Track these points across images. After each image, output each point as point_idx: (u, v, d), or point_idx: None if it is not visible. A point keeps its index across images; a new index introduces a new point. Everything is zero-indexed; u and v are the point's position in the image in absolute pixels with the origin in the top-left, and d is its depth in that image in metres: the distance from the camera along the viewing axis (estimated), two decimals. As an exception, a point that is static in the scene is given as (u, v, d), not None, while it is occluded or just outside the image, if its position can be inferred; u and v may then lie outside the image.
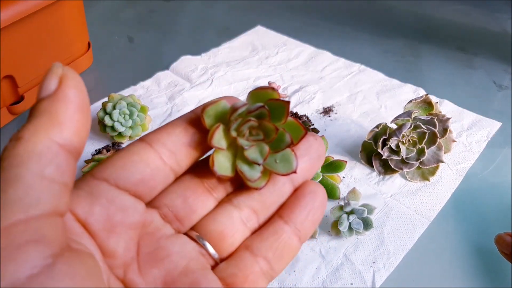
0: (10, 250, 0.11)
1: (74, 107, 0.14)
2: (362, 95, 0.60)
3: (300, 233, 0.19)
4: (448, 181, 0.47)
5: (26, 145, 0.13)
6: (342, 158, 0.48)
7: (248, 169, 0.18)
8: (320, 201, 0.19)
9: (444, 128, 0.46)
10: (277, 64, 0.66)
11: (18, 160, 0.13)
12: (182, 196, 0.19)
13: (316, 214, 0.19)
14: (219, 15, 0.81)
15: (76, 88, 0.15)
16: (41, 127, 0.13)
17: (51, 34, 0.56)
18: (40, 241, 0.12)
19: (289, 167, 0.18)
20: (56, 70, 0.14)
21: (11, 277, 0.11)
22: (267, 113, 0.18)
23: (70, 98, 0.14)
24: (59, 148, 0.14)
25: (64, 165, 0.14)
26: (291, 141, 0.18)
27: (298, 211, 0.19)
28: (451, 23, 0.78)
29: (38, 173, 0.13)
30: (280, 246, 0.18)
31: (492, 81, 0.64)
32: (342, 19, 0.79)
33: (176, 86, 0.61)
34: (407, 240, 0.41)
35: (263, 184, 0.19)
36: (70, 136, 0.14)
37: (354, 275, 0.38)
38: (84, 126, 0.15)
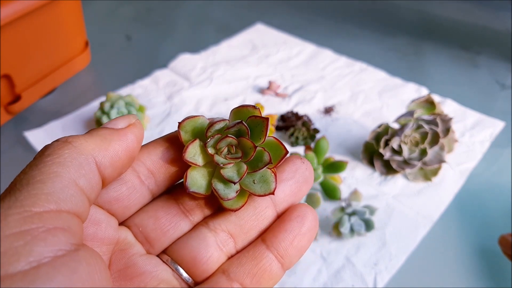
0: (41, 231, 0.13)
1: (124, 147, 0.16)
2: (363, 94, 0.59)
3: (283, 260, 0.17)
4: (451, 181, 0.46)
5: (72, 151, 0.15)
6: (343, 159, 0.47)
7: (223, 188, 0.18)
8: (308, 227, 0.18)
9: (447, 128, 0.45)
10: (278, 62, 0.66)
11: (61, 160, 0.14)
12: (154, 216, 0.18)
13: (302, 241, 0.18)
14: (218, 13, 0.80)
15: (135, 137, 0.17)
16: (91, 143, 0.15)
17: (48, 33, 0.55)
18: (67, 230, 0.13)
19: (267, 188, 0.17)
20: (130, 118, 0.17)
21: (39, 254, 0.12)
22: (246, 130, 0.17)
23: (127, 139, 0.16)
24: (96, 169, 0.15)
25: (93, 184, 0.15)
26: (270, 160, 0.17)
27: (282, 236, 0.18)
28: (454, 21, 0.77)
29: (74, 179, 0.14)
30: (259, 272, 0.17)
31: (495, 80, 0.63)
32: (344, 16, 0.79)
33: (174, 85, 0.60)
34: (410, 241, 0.40)
35: (239, 205, 0.18)
36: (108, 166, 0.15)
37: (355, 277, 0.38)
38: (122, 166, 0.16)
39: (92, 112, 0.55)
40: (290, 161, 0.19)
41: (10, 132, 0.53)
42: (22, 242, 0.12)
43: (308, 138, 0.50)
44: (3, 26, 0.47)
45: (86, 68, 0.64)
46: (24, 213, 0.13)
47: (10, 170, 0.48)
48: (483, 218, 0.43)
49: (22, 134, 0.52)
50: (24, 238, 0.12)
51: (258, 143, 0.18)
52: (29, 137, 0.52)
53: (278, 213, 0.19)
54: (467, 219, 0.43)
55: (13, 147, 0.51)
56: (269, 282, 0.17)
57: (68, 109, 0.56)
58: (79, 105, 0.56)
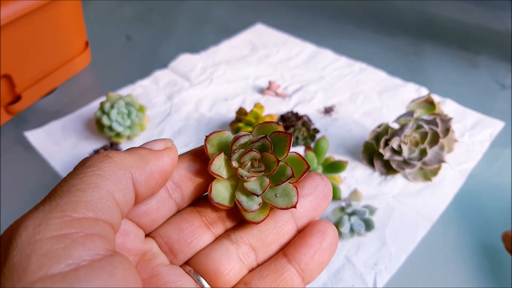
0: (80, 235, 0.13)
1: (160, 168, 0.17)
2: (363, 95, 0.59)
3: (304, 274, 0.18)
4: (451, 181, 0.46)
5: (112, 165, 0.15)
6: (343, 159, 0.47)
7: (246, 200, 0.18)
8: (328, 242, 0.18)
9: (447, 128, 0.45)
10: (278, 63, 0.66)
11: (101, 172, 0.15)
12: (178, 228, 0.19)
13: (323, 255, 0.18)
14: (218, 13, 0.80)
15: (171, 160, 0.17)
16: (130, 160, 0.16)
17: (48, 33, 0.55)
18: (104, 237, 0.14)
19: (289, 202, 0.18)
20: (167, 142, 0.18)
21: (78, 257, 0.13)
22: (270, 145, 0.18)
23: (162, 161, 0.17)
24: (132, 185, 0.16)
25: (128, 199, 0.16)
26: (292, 174, 0.18)
27: (304, 250, 0.18)
28: (453, 21, 0.77)
29: (111, 191, 0.15)
30: (280, 286, 0.17)
31: (494, 80, 0.63)
32: (344, 16, 0.79)
33: (175, 85, 0.61)
34: (409, 241, 0.40)
35: (261, 218, 0.18)
36: (143, 183, 0.16)
37: (355, 277, 0.38)
38: (155, 186, 0.17)
39: (92, 112, 0.55)
40: (309, 177, 0.19)
41: (10, 132, 0.53)
42: (62, 245, 0.13)
43: (308, 138, 0.50)
44: (3, 26, 0.47)
45: (86, 68, 0.64)
46: (65, 218, 0.13)
47: (10, 170, 0.48)
48: (482, 218, 0.43)
49: (22, 134, 0.52)
50: (64, 241, 0.13)
51: (281, 157, 0.18)
52: (29, 137, 0.52)
53: (299, 228, 0.19)
54: (466, 219, 0.43)
55: (13, 147, 0.51)
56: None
57: (68, 109, 0.56)
58: (79, 105, 0.56)
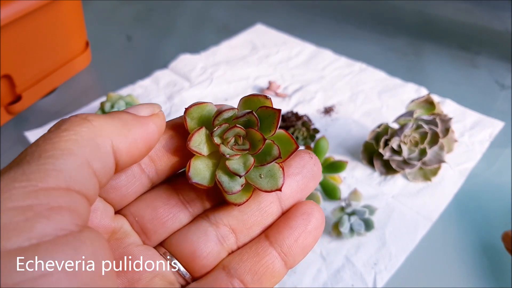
0: (45, 207, 0.12)
1: (144, 136, 0.15)
2: (363, 95, 0.59)
3: (287, 258, 0.17)
4: (451, 181, 0.46)
5: (90, 130, 0.14)
6: (343, 159, 0.47)
7: (227, 180, 0.16)
8: (314, 225, 0.17)
9: (446, 128, 0.45)
10: (278, 63, 0.66)
11: (78, 138, 0.13)
12: (151, 206, 0.17)
13: (307, 239, 0.17)
14: (218, 13, 0.80)
15: (157, 127, 0.16)
16: (111, 126, 0.14)
17: (49, 33, 0.55)
18: (73, 210, 0.13)
19: (274, 184, 0.16)
20: (154, 107, 0.16)
21: (40, 231, 0.11)
22: (256, 121, 0.16)
23: (147, 128, 0.15)
24: (112, 153, 0.14)
25: (107, 169, 0.14)
26: (279, 154, 0.16)
27: (287, 233, 0.17)
28: (453, 21, 0.77)
29: (88, 160, 0.13)
30: (261, 270, 0.16)
31: (494, 80, 0.63)
32: (344, 17, 0.79)
33: (175, 86, 0.61)
34: (409, 241, 0.40)
35: (243, 199, 0.17)
36: (124, 152, 0.15)
37: (355, 277, 0.38)
38: (138, 155, 0.15)
39: (92, 112, 0.55)
40: (298, 155, 0.18)
41: (10, 132, 0.54)
42: (23, 217, 0.11)
43: (308, 138, 0.50)
44: (4, 26, 0.47)
45: (87, 68, 0.64)
46: (30, 187, 0.12)
47: (10, 170, 0.48)
48: (482, 218, 0.43)
49: (22, 134, 0.52)
50: (26, 214, 0.12)
51: (267, 135, 0.17)
52: (30, 137, 0.52)
53: (283, 209, 0.18)
54: (466, 219, 0.43)
55: (13, 147, 0.51)
56: (271, 280, 0.17)
57: (69, 109, 0.56)
58: (79, 105, 0.57)
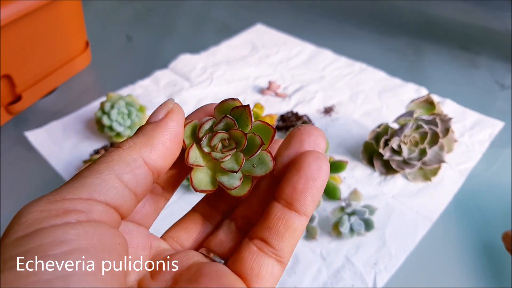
0: (59, 211, 0.14)
1: (169, 136, 0.17)
2: (363, 95, 0.59)
3: (293, 206, 0.17)
4: (451, 181, 0.46)
5: (120, 153, 0.16)
6: (343, 159, 0.47)
7: (227, 179, 0.19)
8: (309, 171, 0.17)
9: (446, 128, 0.45)
10: (278, 63, 0.66)
11: (108, 161, 0.16)
12: (184, 228, 0.20)
13: (305, 184, 0.17)
14: (218, 13, 0.80)
15: (177, 122, 0.18)
16: (138, 143, 0.17)
17: (49, 33, 0.55)
18: (84, 212, 0.14)
19: (267, 168, 0.19)
20: (168, 104, 0.18)
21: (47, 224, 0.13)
22: (232, 122, 0.19)
23: (169, 127, 0.17)
24: (143, 164, 0.16)
25: (141, 178, 0.16)
26: (262, 142, 0.18)
27: (283, 184, 0.17)
28: (453, 21, 0.78)
29: (117, 174, 0.15)
30: (272, 224, 0.17)
31: (494, 80, 0.63)
32: (344, 17, 0.79)
33: (175, 86, 0.61)
34: (409, 241, 0.40)
35: (246, 190, 0.19)
36: (156, 157, 0.17)
37: (355, 277, 0.38)
38: (171, 153, 0.17)
39: (92, 112, 0.55)
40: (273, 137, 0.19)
41: (10, 132, 0.54)
42: (38, 217, 0.14)
43: (308, 138, 0.50)
44: (4, 26, 0.47)
45: (87, 68, 0.64)
46: (53, 198, 0.14)
47: (10, 170, 0.48)
48: (482, 218, 0.43)
49: (22, 134, 0.52)
50: (41, 215, 0.14)
51: (246, 130, 0.19)
52: (30, 137, 0.52)
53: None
54: (466, 219, 0.43)
55: (13, 147, 0.51)
56: (288, 230, 0.17)
57: (69, 109, 0.56)
58: (79, 105, 0.57)
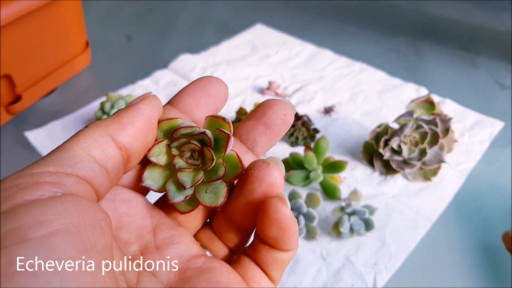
0: (29, 183, 0.14)
1: (139, 117, 0.17)
2: (363, 95, 0.59)
3: (277, 247, 0.17)
4: (451, 181, 0.46)
5: (86, 131, 0.16)
6: (343, 159, 0.47)
7: (174, 190, 0.18)
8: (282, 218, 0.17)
9: (446, 128, 0.45)
10: (278, 63, 0.66)
11: (74, 140, 0.16)
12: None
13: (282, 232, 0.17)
14: (218, 13, 0.80)
15: (149, 105, 0.17)
16: (104, 122, 0.16)
17: (49, 34, 0.55)
18: (57, 184, 0.14)
19: (215, 201, 0.18)
20: (144, 95, 0.18)
21: (19, 198, 0.13)
22: (209, 140, 0.18)
23: (139, 109, 0.17)
24: (111, 140, 0.16)
25: (110, 154, 0.16)
26: (223, 176, 0.18)
27: (263, 235, 0.17)
28: (453, 21, 0.78)
29: (84, 149, 0.15)
30: (263, 259, 0.17)
31: (494, 80, 0.63)
32: (344, 17, 0.79)
33: (175, 86, 0.61)
34: (409, 241, 0.40)
35: (187, 209, 0.18)
36: (124, 136, 0.16)
37: (355, 277, 0.38)
38: (142, 135, 0.17)
39: (92, 112, 0.55)
40: (238, 176, 0.19)
41: (10, 132, 0.54)
42: (8, 192, 0.13)
43: (308, 138, 0.50)
44: (4, 26, 0.47)
45: (87, 68, 0.64)
46: (21, 173, 0.14)
47: (10, 170, 0.48)
48: (482, 218, 0.43)
49: (22, 134, 0.52)
50: (11, 190, 0.13)
51: (219, 155, 0.18)
52: (30, 137, 0.52)
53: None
54: (466, 219, 0.43)
55: (13, 147, 0.51)
56: (278, 263, 0.17)
57: (69, 109, 0.56)
58: (79, 105, 0.57)
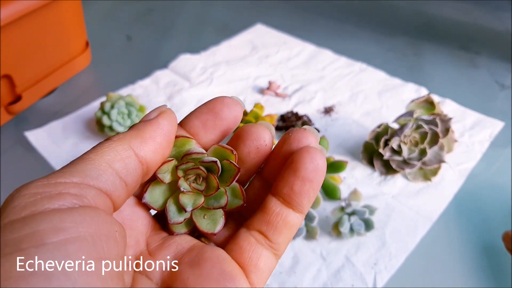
0: (52, 193, 0.14)
1: (160, 132, 0.18)
2: (363, 95, 0.59)
3: (291, 204, 0.18)
4: (451, 181, 0.46)
5: (110, 144, 0.16)
6: (343, 159, 0.47)
7: (174, 210, 0.18)
8: (306, 171, 0.17)
9: (446, 128, 0.45)
10: (278, 63, 0.66)
11: (98, 151, 0.16)
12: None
13: (303, 185, 0.17)
14: (218, 13, 0.80)
15: (168, 120, 0.18)
16: (127, 135, 0.17)
17: (49, 33, 0.55)
18: (79, 196, 0.14)
19: (211, 227, 0.18)
20: (161, 108, 0.18)
21: (41, 206, 0.14)
22: (217, 170, 0.18)
23: (159, 124, 0.18)
24: (133, 155, 0.17)
25: (131, 168, 0.16)
26: (224, 206, 0.18)
27: (282, 183, 0.18)
28: (453, 21, 0.78)
29: (108, 162, 0.16)
30: (271, 218, 0.18)
31: (494, 80, 0.63)
32: (344, 17, 0.79)
33: (175, 86, 0.61)
34: (409, 241, 0.40)
35: (183, 231, 0.19)
36: (146, 150, 0.17)
37: (355, 277, 0.38)
38: (162, 149, 0.18)
39: (92, 112, 0.55)
40: (239, 208, 0.19)
41: (10, 132, 0.54)
42: (31, 199, 0.14)
43: (308, 138, 0.50)
44: (4, 26, 0.47)
45: (87, 68, 0.64)
46: (45, 181, 0.14)
47: (10, 170, 0.48)
48: (482, 218, 0.43)
49: (22, 134, 0.52)
50: (34, 197, 0.14)
51: (223, 185, 0.19)
52: (30, 137, 0.52)
53: None
54: (466, 219, 0.43)
55: (13, 147, 0.51)
56: (285, 226, 0.18)
57: (69, 109, 0.56)
58: (79, 105, 0.57)
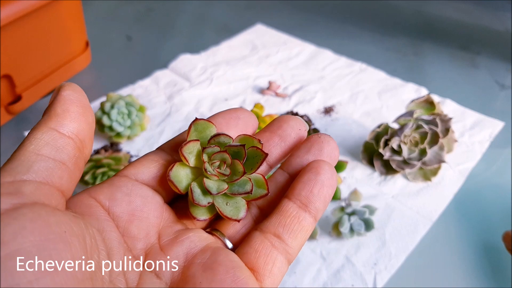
0: None
1: (69, 102, 0.17)
2: (363, 95, 0.59)
3: (308, 207, 0.18)
4: (451, 181, 0.46)
5: (31, 135, 0.16)
6: (343, 159, 0.47)
7: (198, 193, 0.18)
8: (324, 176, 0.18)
9: (446, 128, 0.45)
10: (278, 63, 0.66)
11: (21, 147, 0.16)
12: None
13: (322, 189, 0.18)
14: (218, 13, 0.80)
15: (70, 89, 0.17)
16: (42, 122, 0.16)
17: (49, 33, 0.55)
18: (14, 194, 0.14)
19: (235, 214, 0.18)
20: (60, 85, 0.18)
21: None
22: (244, 155, 0.18)
23: (64, 96, 0.17)
24: (56, 133, 0.16)
25: (61, 146, 0.16)
26: (251, 191, 0.18)
27: (300, 186, 0.18)
28: (453, 21, 0.78)
29: (33, 151, 0.15)
30: (288, 221, 0.18)
31: (494, 80, 0.63)
32: (344, 16, 0.79)
33: (175, 86, 0.61)
34: (409, 241, 0.40)
35: (204, 217, 0.19)
36: (67, 124, 0.16)
37: (355, 277, 0.38)
38: (80, 116, 0.17)
39: (92, 112, 0.55)
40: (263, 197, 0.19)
41: (10, 132, 0.54)
42: None
43: (308, 138, 0.50)
44: (4, 26, 0.47)
45: (87, 68, 0.64)
46: None
47: (10, 170, 0.48)
48: (482, 218, 0.43)
49: (22, 134, 0.52)
50: None
51: (248, 172, 0.19)
52: (30, 137, 0.52)
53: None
54: (466, 219, 0.43)
55: (13, 147, 0.51)
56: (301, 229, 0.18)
57: (69, 109, 0.56)
58: (79, 105, 0.57)
